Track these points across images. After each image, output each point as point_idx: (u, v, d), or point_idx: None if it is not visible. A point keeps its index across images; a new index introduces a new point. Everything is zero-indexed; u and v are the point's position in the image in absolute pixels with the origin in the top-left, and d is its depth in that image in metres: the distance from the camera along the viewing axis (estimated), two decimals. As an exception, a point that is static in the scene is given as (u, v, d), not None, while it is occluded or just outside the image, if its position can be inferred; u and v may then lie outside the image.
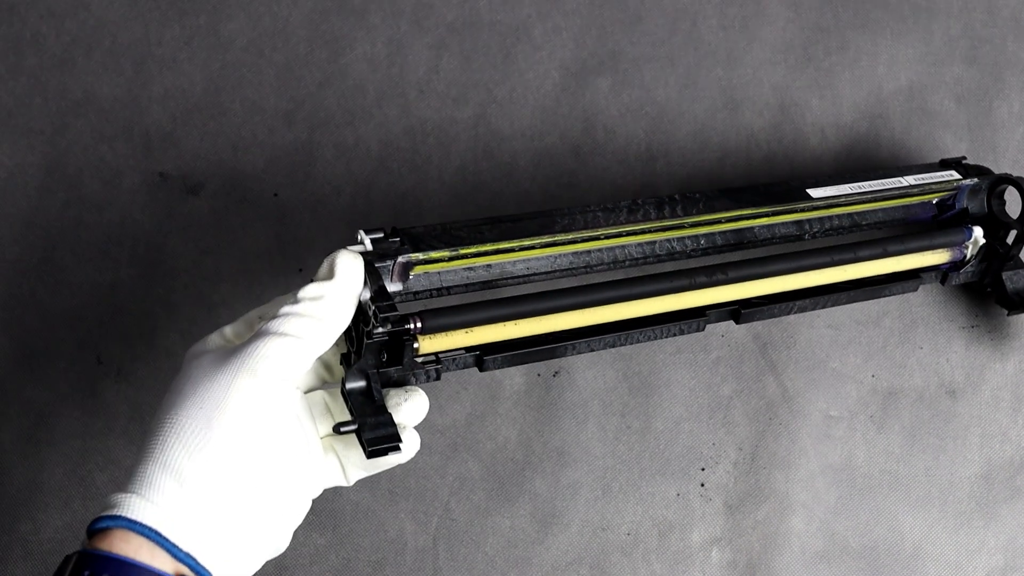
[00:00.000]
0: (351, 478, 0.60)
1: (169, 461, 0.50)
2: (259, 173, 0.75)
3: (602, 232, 0.67)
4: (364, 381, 0.58)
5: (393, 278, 0.61)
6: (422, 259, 0.61)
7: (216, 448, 0.51)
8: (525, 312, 0.64)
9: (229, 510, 0.51)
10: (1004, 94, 0.88)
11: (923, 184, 0.78)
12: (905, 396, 0.84)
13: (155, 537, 0.48)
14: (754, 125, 0.84)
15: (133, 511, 0.49)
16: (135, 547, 0.48)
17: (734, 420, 0.81)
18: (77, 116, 0.73)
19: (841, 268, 0.75)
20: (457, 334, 0.62)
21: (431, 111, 0.78)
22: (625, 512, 0.79)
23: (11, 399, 0.72)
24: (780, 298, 0.73)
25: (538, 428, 0.78)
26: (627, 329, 0.68)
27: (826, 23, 0.85)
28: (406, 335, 0.59)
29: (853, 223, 0.78)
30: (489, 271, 0.66)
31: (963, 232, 0.78)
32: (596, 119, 0.81)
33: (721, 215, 0.71)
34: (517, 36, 0.80)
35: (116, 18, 0.73)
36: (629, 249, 0.71)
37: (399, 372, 0.60)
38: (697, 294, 0.70)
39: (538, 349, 0.65)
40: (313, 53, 0.77)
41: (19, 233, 0.72)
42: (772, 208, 0.73)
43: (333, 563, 0.74)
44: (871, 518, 0.83)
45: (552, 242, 0.66)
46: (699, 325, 0.70)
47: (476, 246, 0.63)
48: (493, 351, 0.64)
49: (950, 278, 0.79)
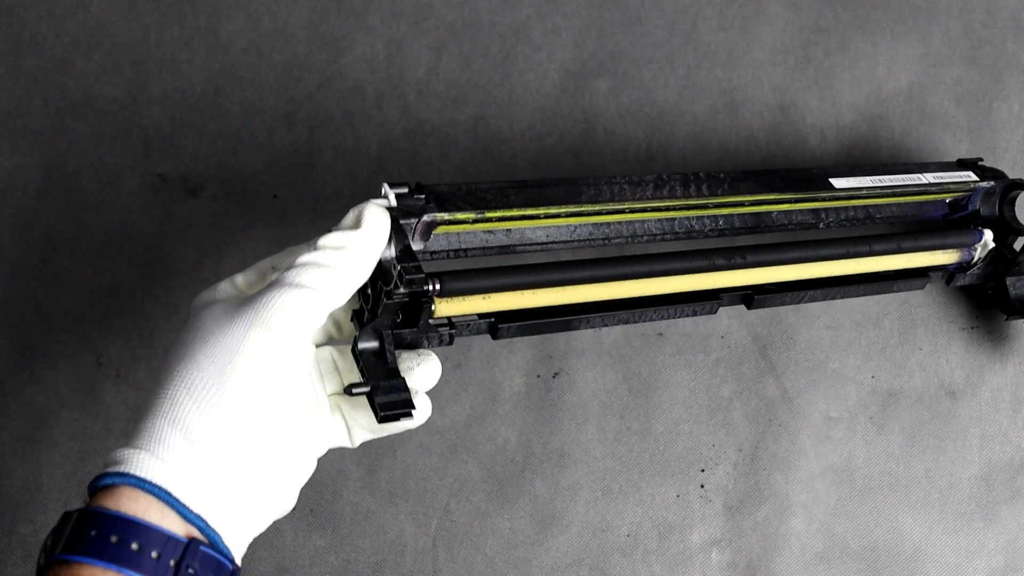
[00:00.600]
0: (356, 440, 0.57)
1: (179, 417, 0.47)
2: (259, 174, 0.75)
3: (628, 206, 0.66)
4: (377, 342, 0.55)
5: (415, 237, 0.58)
6: (447, 219, 0.58)
7: (228, 404, 0.48)
8: (546, 281, 0.62)
9: (239, 469, 0.48)
10: (1004, 95, 0.88)
11: (941, 183, 0.78)
12: (905, 397, 0.84)
13: (165, 497, 0.46)
14: (753, 126, 0.84)
15: (142, 468, 0.46)
16: (144, 506, 0.45)
17: (734, 421, 0.81)
18: (76, 117, 0.73)
19: (855, 261, 0.75)
20: (474, 299, 0.60)
21: (431, 112, 0.78)
22: (625, 513, 0.79)
23: (10, 400, 0.72)
24: (793, 286, 0.73)
25: (538, 429, 0.78)
26: (641, 307, 0.67)
27: (825, 24, 0.85)
28: (424, 297, 0.56)
29: (867, 215, 0.78)
30: (508, 236, 0.65)
31: (975, 234, 0.79)
32: (596, 120, 0.81)
33: (745, 198, 0.70)
34: (516, 37, 0.80)
35: (115, 19, 0.73)
36: (648, 224, 0.70)
37: (413, 334, 0.57)
38: (712, 276, 0.69)
39: (552, 320, 0.63)
40: (312, 54, 0.77)
41: (18, 234, 0.72)
42: (795, 195, 0.72)
43: (333, 564, 0.74)
44: (871, 519, 0.83)
45: (577, 211, 0.64)
46: (712, 308, 0.70)
47: (502, 210, 0.60)
48: (507, 320, 0.62)
49: (956, 278, 0.80)
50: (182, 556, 0.45)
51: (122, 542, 0.44)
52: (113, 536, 0.44)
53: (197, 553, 0.45)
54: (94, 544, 0.44)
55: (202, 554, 0.46)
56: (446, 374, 0.76)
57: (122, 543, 0.44)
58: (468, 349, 0.77)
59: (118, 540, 0.44)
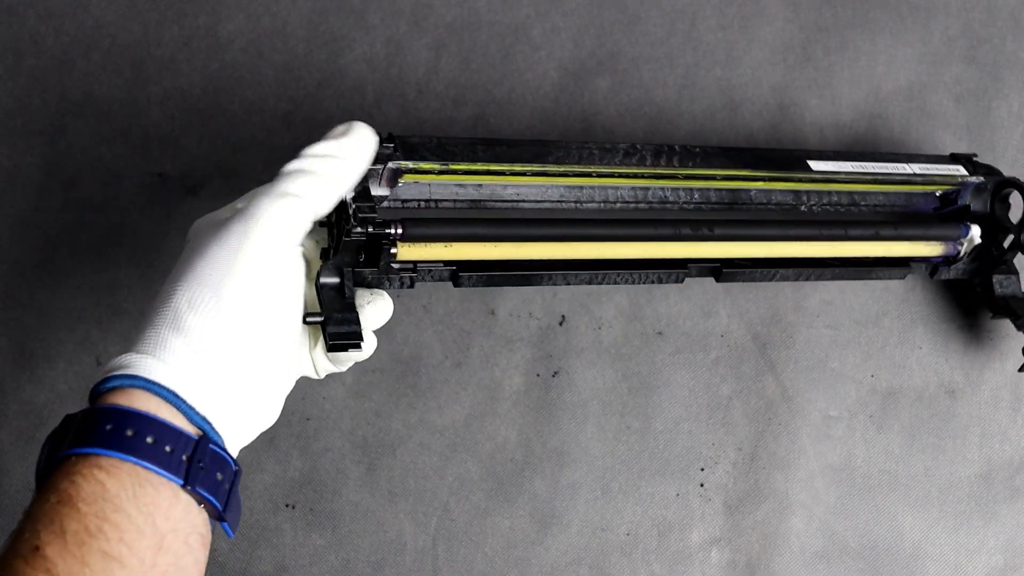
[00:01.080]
0: (320, 370, 0.59)
1: (182, 325, 0.49)
2: (258, 174, 0.75)
3: (594, 169, 0.67)
4: (338, 278, 0.59)
5: (381, 183, 0.62)
6: (411, 168, 0.62)
7: (227, 312, 0.50)
8: (506, 235, 0.65)
9: (238, 375, 0.50)
10: (1003, 94, 0.88)
11: (927, 174, 0.77)
12: (904, 396, 0.84)
13: (172, 399, 0.47)
14: (753, 125, 0.84)
15: (150, 371, 0.47)
16: (154, 407, 0.47)
17: (733, 420, 0.81)
18: (76, 117, 0.73)
19: (830, 244, 0.74)
20: (436, 246, 0.63)
21: (430, 112, 0.78)
22: (624, 512, 0.79)
23: (10, 399, 0.72)
24: (764, 263, 0.72)
25: (537, 428, 0.78)
26: (606, 269, 0.68)
27: (825, 23, 0.85)
28: (385, 239, 0.59)
29: (852, 202, 0.77)
30: (479, 191, 0.67)
31: (960, 228, 0.78)
32: (595, 119, 0.81)
33: (716, 171, 0.70)
34: (516, 36, 0.80)
35: (115, 19, 0.73)
36: (622, 192, 0.71)
37: (374, 275, 0.61)
38: (681, 246, 0.69)
39: (515, 274, 0.66)
40: (312, 54, 0.77)
41: (18, 234, 0.72)
42: (768, 173, 0.72)
43: (332, 564, 0.74)
44: (871, 518, 0.83)
45: (543, 171, 0.66)
46: (678, 276, 0.70)
47: (467, 164, 0.63)
48: (470, 269, 0.64)
49: (940, 271, 0.79)
50: (193, 452, 0.46)
51: (137, 436, 0.45)
52: (129, 430, 0.45)
53: (207, 450, 0.47)
54: (109, 437, 0.45)
55: (211, 451, 0.47)
56: (445, 373, 0.77)
57: (137, 436, 0.45)
58: (468, 348, 0.77)
59: (134, 434, 0.45)
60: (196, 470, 0.46)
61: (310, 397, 0.74)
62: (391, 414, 0.76)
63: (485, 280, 0.65)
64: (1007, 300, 0.80)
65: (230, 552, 0.72)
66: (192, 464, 0.46)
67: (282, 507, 0.74)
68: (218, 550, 0.72)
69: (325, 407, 0.74)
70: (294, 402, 0.74)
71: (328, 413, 0.74)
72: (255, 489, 0.73)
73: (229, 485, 0.48)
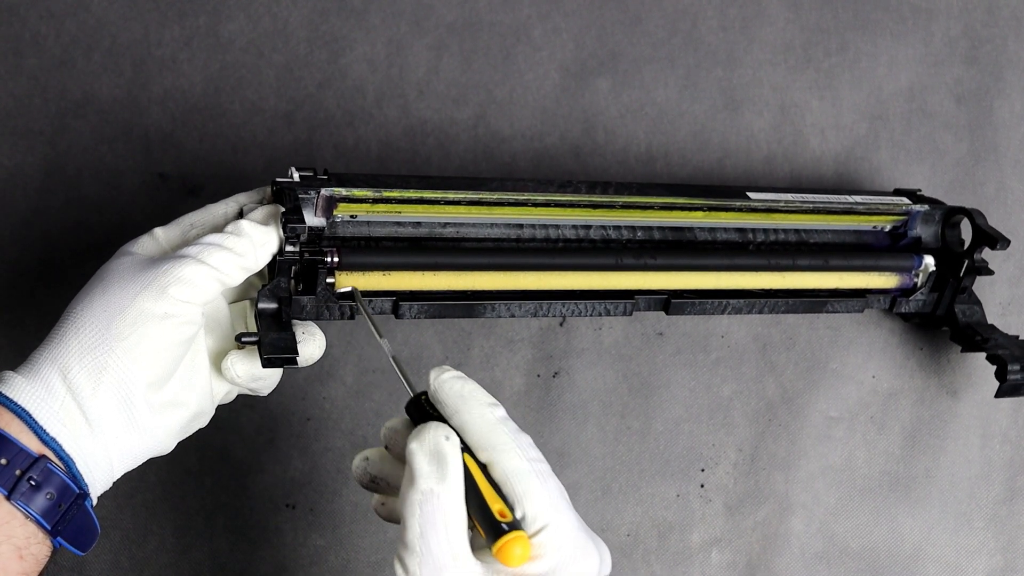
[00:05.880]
0: (228, 397, 0.62)
1: (60, 355, 0.54)
2: (259, 174, 0.75)
3: (529, 198, 0.67)
4: (276, 304, 0.60)
5: (317, 212, 0.63)
6: (344, 195, 0.62)
7: (106, 352, 0.54)
8: (447, 264, 0.65)
9: (105, 409, 0.54)
10: (1005, 94, 0.88)
11: (870, 203, 0.77)
12: (905, 397, 0.84)
13: (26, 417, 0.52)
14: (754, 126, 0.84)
15: (13, 390, 0.53)
16: (6, 421, 0.52)
17: (734, 421, 0.81)
18: (77, 117, 0.73)
19: (781, 275, 0.74)
20: (375, 275, 0.63)
21: (431, 112, 0.78)
22: (625, 513, 0.79)
23: (11, 400, 0.72)
24: (714, 295, 0.72)
25: (538, 429, 0.78)
26: (552, 299, 0.68)
27: (826, 24, 0.85)
28: (322, 265, 0.61)
29: (800, 239, 0.77)
30: (418, 229, 0.67)
31: (911, 258, 0.77)
32: (596, 120, 0.81)
33: (654, 200, 0.70)
34: (517, 37, 0.80)
35: (116, 19, 0.73)
36: (563, 230, 0.70)
37: (312, 302, 0.62)
38: (628, 276, 0.69)
39: (457, 304, 0.66)
40: (313, 54, 0.77)
41: (19, 234, 0.72)
42: (707, 202, 0.71)
43: (333, 564, 0.74)
44: (871, 519, 0.83)
45: (478, 199, 0.66)
46: (626, 308, 0.70)
47: (400, 191, 0.64)
48: (412, 300, 0.64)
49: (898, 304, 0.78)
50: (28, 467, 0.51)
51: None
52: None
53: (44, 469, 0.51)
54: None
55: (48, 471, 0.52)
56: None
57: None
58: (468, 348, 0.77)
59: None
60: (24, 485, 0.51)
61: (310, 397, 0.74)
62: (391, 414, 0.75)
63: (427, 311, 0.65)
64: (973, 328, 0.79)
65: (230, 552, 0.72)
66: (21, 479, 0.51)
67: (282, 507, 0.74)
68: (218, 550, 0.72)
69: (325, 407, 0.74)
70: (294, 402, 0.74)
71: (328, 413, 0.74)
72: (255, 489, 0.73)
73: (68, 505, 0.52)
